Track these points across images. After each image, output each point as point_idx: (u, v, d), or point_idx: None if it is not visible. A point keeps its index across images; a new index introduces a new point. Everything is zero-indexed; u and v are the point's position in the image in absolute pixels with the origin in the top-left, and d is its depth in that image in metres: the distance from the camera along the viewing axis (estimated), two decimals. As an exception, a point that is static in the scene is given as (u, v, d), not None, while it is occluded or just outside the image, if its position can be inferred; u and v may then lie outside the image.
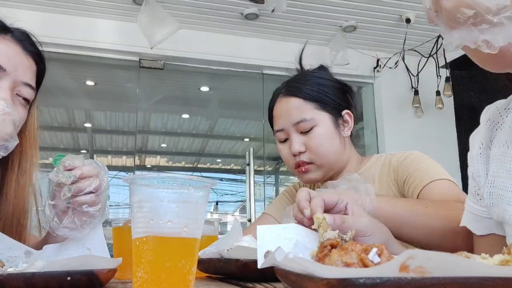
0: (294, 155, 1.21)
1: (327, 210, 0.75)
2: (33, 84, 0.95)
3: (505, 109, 0.78)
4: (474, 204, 0.81)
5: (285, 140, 1.25)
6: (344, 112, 1.25)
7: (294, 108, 1.21)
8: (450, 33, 0.49)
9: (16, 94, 0.91)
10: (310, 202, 0.76)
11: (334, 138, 1.21)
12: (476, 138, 0.81)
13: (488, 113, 0.80)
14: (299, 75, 1.31)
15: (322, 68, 1.33)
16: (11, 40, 0.92)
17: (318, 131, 1.20)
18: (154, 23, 2.89)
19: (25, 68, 0.92)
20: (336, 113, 1.23)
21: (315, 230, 0.69)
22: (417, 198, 1.08)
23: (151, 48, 2.98)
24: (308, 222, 0.73)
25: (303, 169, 1.21)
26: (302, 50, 1.33)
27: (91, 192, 0.78)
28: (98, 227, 0.83)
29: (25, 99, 0.93)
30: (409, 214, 0.95)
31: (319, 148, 1.19)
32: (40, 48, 0.98)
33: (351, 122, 1.26)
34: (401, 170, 1.16)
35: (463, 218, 0.84)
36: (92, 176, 0.78)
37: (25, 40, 0.95)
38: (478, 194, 0.80)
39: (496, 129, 0.78)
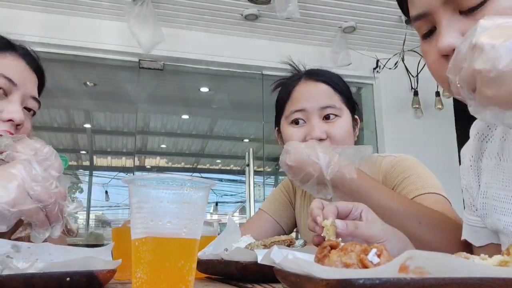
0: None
1: (341, 218, 0.73)
2: (38, 97, 1.01)
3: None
4: (471, 215, 0.83)
5: (298, 123, 1.18)
6: (356, 116, 1.25)
7: (323, 93, 1.18)
8: (483, 111, 0.52)
9: (24, 107, 0.96)
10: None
11: (351, 135, 1.20)
12: (466, 152, 0.84)
13: (476, 127, 0.83)
14: (321, 69, 1.27)
15: None
16: (16, 56, 0.97)
17: (342, 122, 1.17)
18: (145, 28, 2.89)
19: (31, 83, 0.98)
20: (353, 113, 1.23)
21: (324, 239, 0.68)
22: None
23: (147, 53, 2.99)
24: (320, 231, 0.70)
25: None
26: None
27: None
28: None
29: (30, 111, 0.98)
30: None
31: (342, 138, 1.15)
32: (39, 63, 1.03)
33: (357, 128, 1.25)
34: (391, 175, 1.13)
35: (463, 232, 0.85)
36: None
37: (28, 56, 1.00)
38: (473, 206, 0.81)
39: (486, 142, 0.80)
